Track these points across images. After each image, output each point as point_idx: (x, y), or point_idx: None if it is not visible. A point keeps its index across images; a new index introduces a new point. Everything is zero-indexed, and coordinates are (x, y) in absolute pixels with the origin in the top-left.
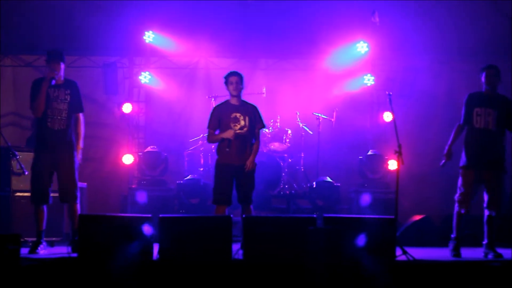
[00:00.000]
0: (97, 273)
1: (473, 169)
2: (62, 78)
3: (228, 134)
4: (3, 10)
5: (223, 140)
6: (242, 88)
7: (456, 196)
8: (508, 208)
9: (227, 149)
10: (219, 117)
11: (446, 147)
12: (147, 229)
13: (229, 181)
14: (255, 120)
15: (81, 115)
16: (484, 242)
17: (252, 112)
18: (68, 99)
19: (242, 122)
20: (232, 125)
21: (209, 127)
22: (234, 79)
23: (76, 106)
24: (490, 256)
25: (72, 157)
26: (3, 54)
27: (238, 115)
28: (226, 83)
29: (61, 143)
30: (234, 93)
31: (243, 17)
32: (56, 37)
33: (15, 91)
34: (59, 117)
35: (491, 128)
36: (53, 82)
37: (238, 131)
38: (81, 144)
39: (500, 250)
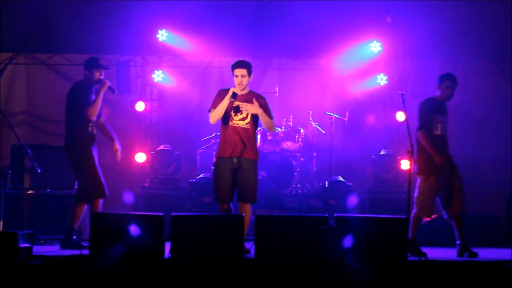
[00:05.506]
0: (107, 271)
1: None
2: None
3: (230, 93)
4: (16, 8)
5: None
6: (248, 80)
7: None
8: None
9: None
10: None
11: None
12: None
13: (226, 177)
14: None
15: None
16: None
17: (260, 104)
18: None
19: (245, 114)
20: (233, 114)
21: (210, 107)
22: (240, 72)
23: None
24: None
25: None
26: (17, 52)
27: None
28: (232, 74)
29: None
30: (239, 88)
31: (257, 16)
32: (69, 35)
33: (28, 90)
34: None
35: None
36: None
37: (237, 123)
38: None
39: (503, 251)
